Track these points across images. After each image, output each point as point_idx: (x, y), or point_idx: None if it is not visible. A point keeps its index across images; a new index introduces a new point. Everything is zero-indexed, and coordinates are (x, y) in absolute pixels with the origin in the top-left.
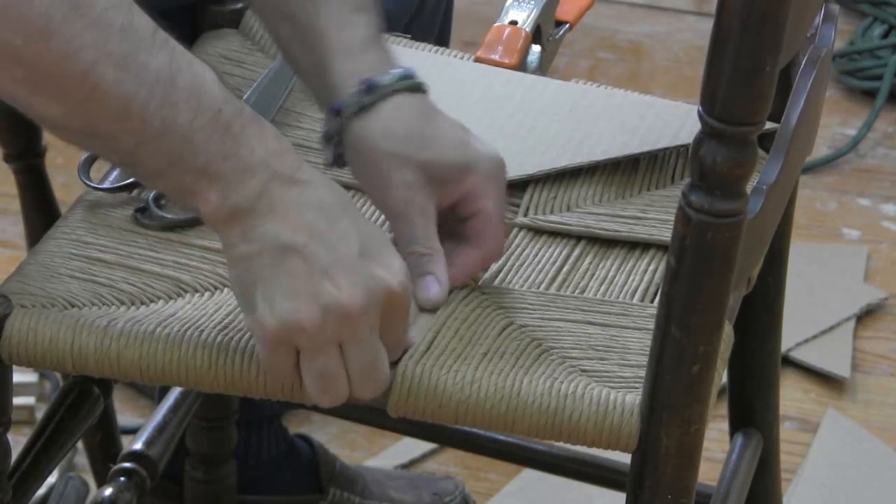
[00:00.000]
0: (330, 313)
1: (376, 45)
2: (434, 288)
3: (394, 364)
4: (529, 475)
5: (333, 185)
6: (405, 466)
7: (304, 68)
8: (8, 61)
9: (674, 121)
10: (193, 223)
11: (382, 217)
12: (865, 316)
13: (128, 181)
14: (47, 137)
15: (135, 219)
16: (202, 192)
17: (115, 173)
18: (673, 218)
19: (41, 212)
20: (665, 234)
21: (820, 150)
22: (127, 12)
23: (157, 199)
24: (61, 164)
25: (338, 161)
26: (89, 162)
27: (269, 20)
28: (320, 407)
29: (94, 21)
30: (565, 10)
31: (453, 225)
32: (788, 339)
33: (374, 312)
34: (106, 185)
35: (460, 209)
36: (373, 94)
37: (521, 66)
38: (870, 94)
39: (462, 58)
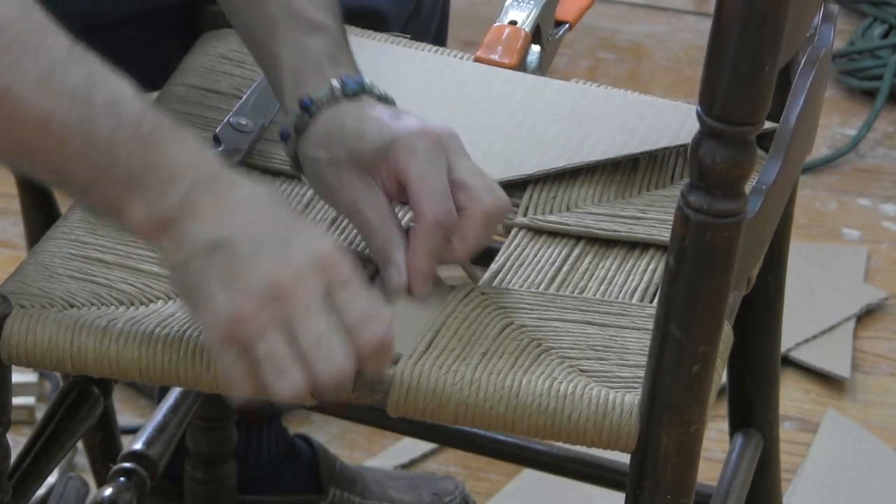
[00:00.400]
0: (263, 297)
1: (328, 65)
2: (394, 276)
3: (393, 363)
4: (529, 475)
5: (259, 182)
6: (405, 466)
7: (270, 84)
8: None
9: (674, 121)
10: None
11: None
12: (865, 316)
13: None
14: None
15: None
16: (127, 204)
17: None
18: (672, 218)
19: (41, 212)
20: (664, 234)
21: (820, 150)
22: (41, 33)
23: None
24: None
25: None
26: None
27: (240, 35)
28: (302, 404)
29: (6, 45)
30: (565, 10)
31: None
32: (788, 339)
33: (309, 285)
34: None
35: (404, 188)
36: (308, 111)
37: (521, 66)
38: (870, 94)
39: (461, 58)
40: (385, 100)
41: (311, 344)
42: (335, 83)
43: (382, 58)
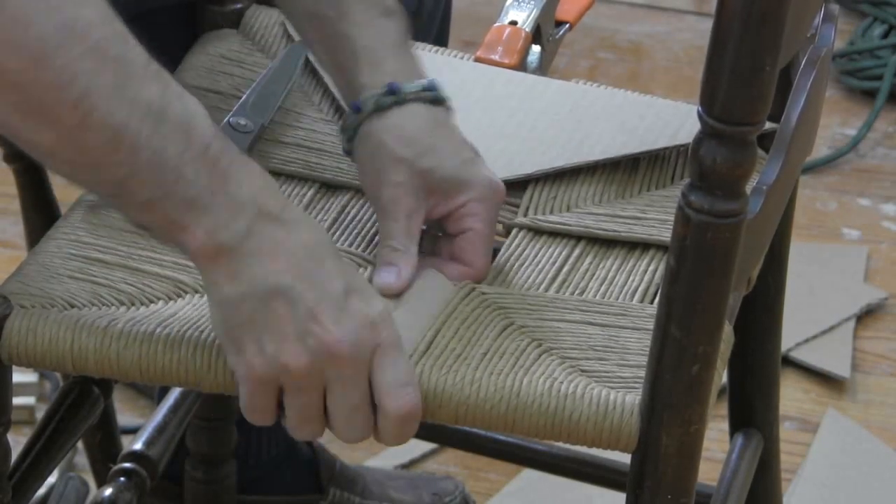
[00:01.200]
0: (317, 355)
1: (401, 50)
2: (391, 277)
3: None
4: (529, 475)
5: (317, 225)
6: (405, 466)
7: (329, 68)
8: (1, 86)
9: (674, 121)
10: None
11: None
12: (865, 316)
13: None
14: None
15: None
16: (190, 226)
17: None
18: (673, 218)
19: (41, 212)
20: (665, 234)
21: (820, 150)
22: (122, 43)
23: None
24: None
25: (348, 153)
26: None
27: (296, 20)
28: None
29: (88, 50)
30: (565, 10)
31: (440, 241)
32: (788, 339)
33: (361, 352)
34: None
35: (450, 225)
36: (392, 97)
37: (521, 66)
38: (870, 94)
39: (462, 58)
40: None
41: (342, 412)
42: (425, 83)
43: None
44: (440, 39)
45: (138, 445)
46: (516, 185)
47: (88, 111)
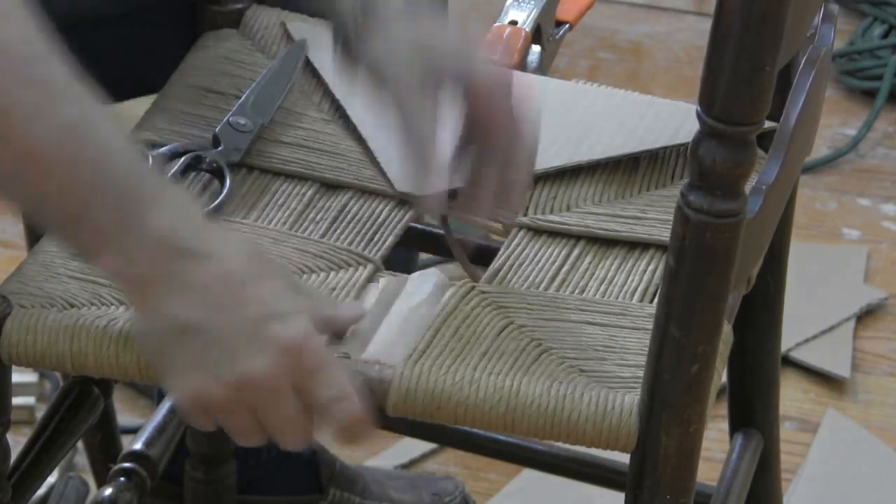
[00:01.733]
0: (233, 388)
1: None
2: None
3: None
4: (529, 475)
5: (240, 249)
6: (405, 466)
7: None
8: None
9: (673, 120)
10: None
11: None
12: (865, 316)
13: None
14: None
15: None
16: (101, 254)
17: None
18: (672, 218)
19: None
20: (665, 234)
21: (820, 150)
22: (45, 63)
23: None
24: None
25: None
26: None
27: None
28: None
29: (7, 69)
30: (565, 10)
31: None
32: (788, 339)
33: (280, 378)
34: None
35: (474, 113)
36: None
37: (521, 66)
38: (870, 94)
39: None
40: None
41: (278, 428)
42: None
43: None
44: None
45: (138, 445)
46: None
47: (5, 129)
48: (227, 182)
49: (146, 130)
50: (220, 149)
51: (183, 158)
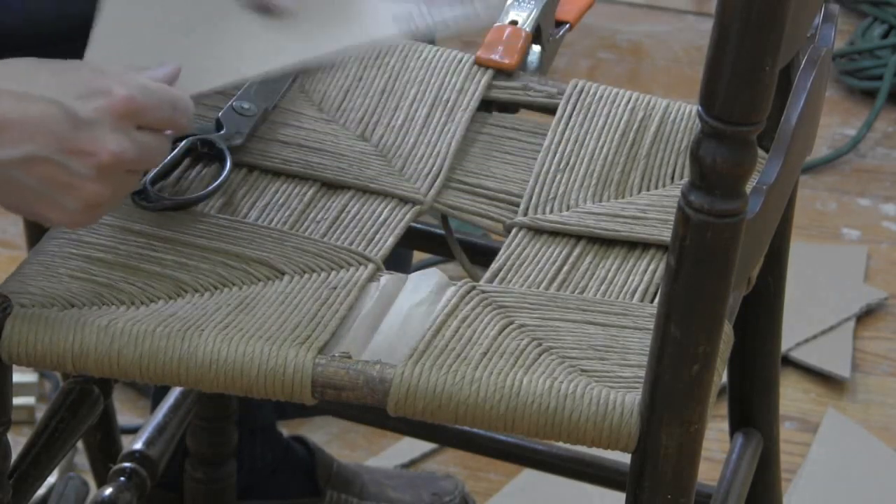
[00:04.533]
0: (102, 173)
1: None
2: None
3: None
4: (529, 475)
5: (26, 64)
6: (405, 466)
7: None
8: None
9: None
10: (191, 204)
11: None
12: (865, 316)
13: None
14: None
15: (133, 201)
16: None
17: None
18: (672, 218)
19: None
20: (665, 234)
21: (820, 150)
22: None
23: (154, 181)
24: None
25: None
26: None
27: None
28: None
29: None
30: (565, 10)
31: None
32: (788, 339)
33: (124, 142)
34: None
35: None
36: None
37: (522, 65)
38: (870, 94)
39: (462, 58)
40: None
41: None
42: None
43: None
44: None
45: (138, 445)
46: (516, 184)
47: None
48: (228, 164)
49: None
50: (222, 132)
51: (184, 141)
